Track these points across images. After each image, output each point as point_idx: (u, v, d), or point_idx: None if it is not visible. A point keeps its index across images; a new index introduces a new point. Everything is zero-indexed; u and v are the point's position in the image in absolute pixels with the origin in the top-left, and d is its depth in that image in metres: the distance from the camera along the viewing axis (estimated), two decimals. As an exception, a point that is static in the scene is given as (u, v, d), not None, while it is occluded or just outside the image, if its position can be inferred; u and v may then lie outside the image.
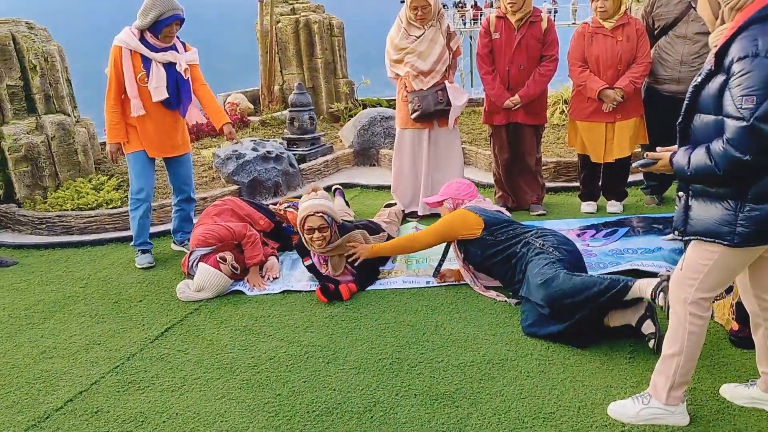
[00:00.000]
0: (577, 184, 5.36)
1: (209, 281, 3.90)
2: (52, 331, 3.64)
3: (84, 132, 6.22)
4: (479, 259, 3.66)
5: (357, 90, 9.61)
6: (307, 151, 7.02)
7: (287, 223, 4.73)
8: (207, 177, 6.28)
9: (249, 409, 2.74)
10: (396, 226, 4.82)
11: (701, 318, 2.29)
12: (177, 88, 4.34)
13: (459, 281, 3.87)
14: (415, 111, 4.82)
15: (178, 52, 4.32)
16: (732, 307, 2.97)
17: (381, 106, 8.98)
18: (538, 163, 5.16)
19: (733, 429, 2.39)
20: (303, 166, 6.67)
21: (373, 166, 7.30)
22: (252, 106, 9.60)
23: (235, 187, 5.93)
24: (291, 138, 7.16)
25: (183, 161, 4.64)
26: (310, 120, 7.14)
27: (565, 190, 5.70)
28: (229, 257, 4.04)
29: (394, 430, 2.53)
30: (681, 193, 2.28)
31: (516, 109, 4.84)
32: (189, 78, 4.41)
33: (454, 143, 5.05)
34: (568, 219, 4.88)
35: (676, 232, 2.31)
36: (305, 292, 3.92)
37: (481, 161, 6.49)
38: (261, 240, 4.31)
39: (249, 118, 8.87)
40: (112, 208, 5.51)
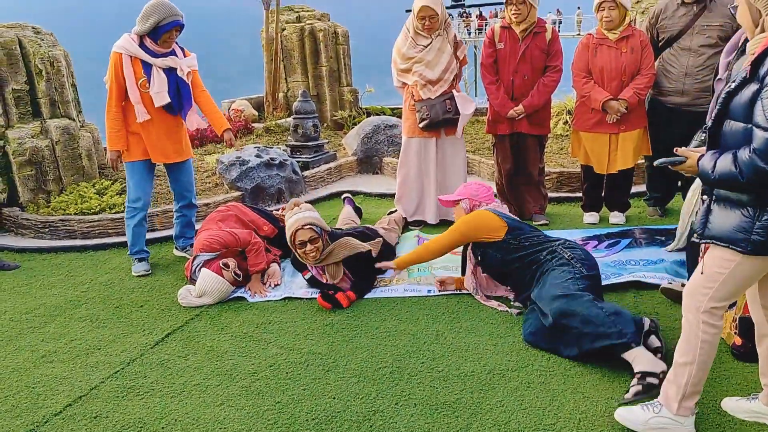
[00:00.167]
0: (579, 194, 5.36)
1: (211, 287, 3.90)
2: (52, 335, 3.64)
3: (88, 137, 6.24)
4: (498, 264, 3.57)
5: (361, 98, 9.64)
6: (311, 158, 7.03)
7: None
8: (210, 183, 6.29)
9: (248, 416, 2.73)
10: (396, 233, 4.81)
11: (714, 327, 2.28)
12: (178, 92, 4.35)
13: (460, 290, 3.87)
14: (424, 120, 4.83)
15: (177, 57, 4.34)
16: (735, 321, 2.96)
17: (385, 114, 9.00)
18: (541, 173, 5.16)
19: (734, 443, 2.38)
20: (306, 174, 6.69)
21: (376, 174, 7.31)
22: (256, 113, 9.63)
23: (238, 193, 5.94)
24: (294, 145, 7.18)
25: (184, 167, 4.64)
26: (313, 127, 7.16)
27: (568, 200, 5.70)
28: (232, 264, 4.04)
29: (394, 439, 2.52)
30: (705, 197, 2.29)
31: (519, 119, 4.85)
32: (190, 83, 4.42)
33: (459, 151, 5.07)
34: (570, 229, 4.87)
35: (695, 234, 2.31)
36: (306, 299, 3.92)
37: (484, 170, 6.49)
38: (264, 247, 4.31)
39: (253, 125, 8.91)
40: (115, 213, 5.51)
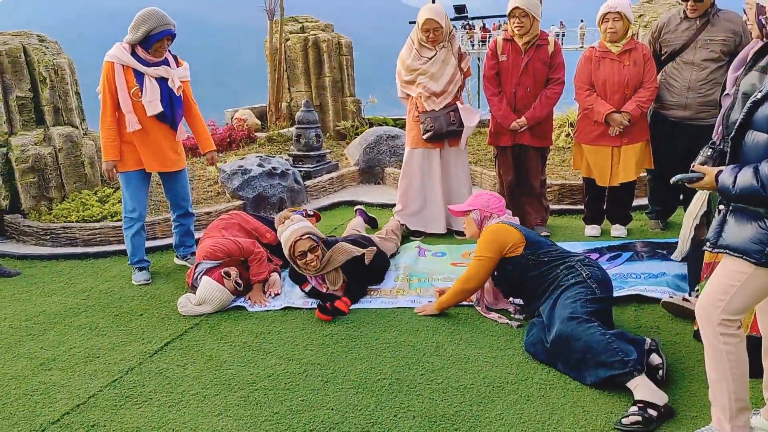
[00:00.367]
0: (581, 207, 5.36)
1: (211, 295, 3.89)
2: (51, 342, 3.63)
3: (91, 144, 6.26)
4: (514, 278, 3.47)
5: (364, 108, 9.66)
6: (313, 168, 7.04)
7: None
8: (212, 192, 6.30)
9: (246, 426, 2.71)
10: (393, 242, 4.79)
11: (734, 336, 2.26)
12: (171, 101, 4.33)
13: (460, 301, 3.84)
14: (428, 132, 4.84)
15: (170, 67, 4.32)
16: None
17: (387, 124, 9.02)
18: (542, 185, 5.15)
19: (735, 459, 2.36)
20: (308, 183, 6.69)
21: (378, 184, 7.31)
22: (259, 122, 9.66)
23: (239, 202, 5.95)
24: (297, 155, 7.19)
25: (179, 177, 4.61)
26: (316, 137, 7.17)
27: (570, 212, 5.69)
28: (233, 273, 4.03)
29: (392, 451, 2.51)
30: (722, 207, 2.29)
31: (522, 131, 4.85)
32: (181, 95, 4.41)
33: (463, 162, 5.08)
34: (572, 242, 4.85)
35: (708, 243, 2.30)
36: (306, 309, 3.91)
37: (486, 182, 6.49)
38: (266, 256, 4.30)
39: (256, 134, 8.93)
40: (117, 221, 5.51)
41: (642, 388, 2.68)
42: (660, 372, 2.83)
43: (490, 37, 29.68)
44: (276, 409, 2.83)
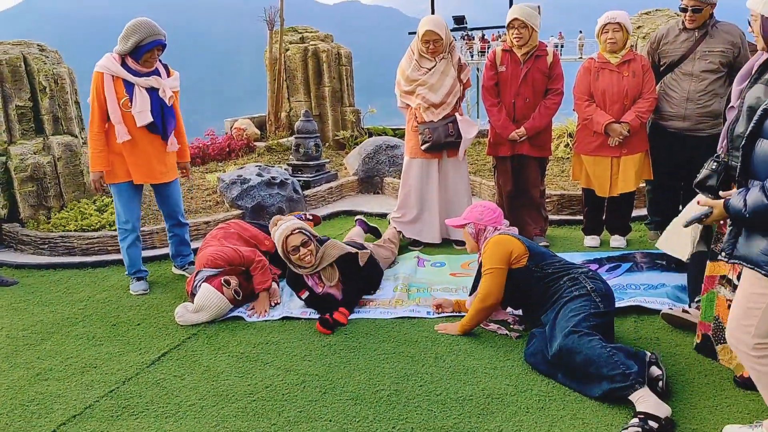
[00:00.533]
0: (580, 217, 5.35)
1: (209, 302, 3.87)
2: (48, 352, 3.61)
3: (90, 153, 6.25)
4: (516, 289, 3.46)
5: (363, 118, 9.68)
6: (312, 177, 7.04)
7: None
8: (211, 201, 6.29)
9: (243, 438, 2.69)
10: (388, 250, 4.78)
11: None
12: (162, 111, 4.30)
13: (460, 312, 3.84)
14: (426, 142, 4.85)
15: (160, 77, 4.30)
16: None
17: (386, 134, 9.03)
18: (541, 196, 5.15)
19: (736, 472, 2.34)
20: (307, 193, 6.69)
21: (377, 193, 7.31)
22: (258, 132, 9.67)
23: (238, 211, 5.94)
24: (296, 164, 7.19)
25: (171, 187, 4.58)
26: (315, 147, 7.18)
27: (569, 223, 5.69)
28: (233, 282, 4.02)
29: (390, 464, 2.49)
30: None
31: (521, 142, 4.86)
32: (173, 105, 4.38)
33: (462, 173, 5.08)
34: (571, 252, 4.85)
35: (723, 254, 2.31)
36: (304, 319, 3.89)
37: (485, 192, 6.49)
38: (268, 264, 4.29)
39: (255, 144, 8.94)
40: (115, 230, 5.49)
41: (644, 399, 2.66)
42: (660, 383, 2.82)
43: (489, 48, 29.79)
44: (274, 421, 2.81)
